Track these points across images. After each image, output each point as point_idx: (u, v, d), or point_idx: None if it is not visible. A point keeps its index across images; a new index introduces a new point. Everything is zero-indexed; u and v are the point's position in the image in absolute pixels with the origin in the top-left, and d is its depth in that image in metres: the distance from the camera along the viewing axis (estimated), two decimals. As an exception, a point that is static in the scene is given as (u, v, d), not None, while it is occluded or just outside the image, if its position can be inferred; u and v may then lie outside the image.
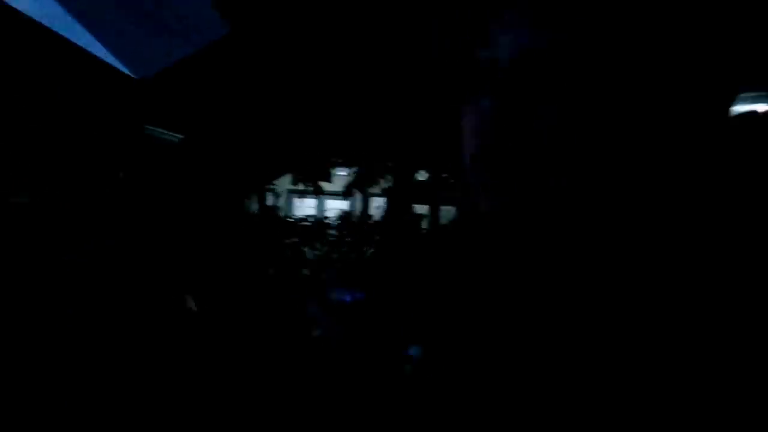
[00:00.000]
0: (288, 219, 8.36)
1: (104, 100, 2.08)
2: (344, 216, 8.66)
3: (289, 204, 11.18)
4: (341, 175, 9.54)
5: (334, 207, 10.67)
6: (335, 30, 6.00)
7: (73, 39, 1.64)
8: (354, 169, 8.06)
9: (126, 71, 1.93)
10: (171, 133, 8.73)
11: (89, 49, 1.77)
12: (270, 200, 7.85)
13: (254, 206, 7.86)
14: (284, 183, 9.12)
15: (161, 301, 1.65)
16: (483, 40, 0.45)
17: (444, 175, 8.53)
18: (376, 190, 8.97)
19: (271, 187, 8.23)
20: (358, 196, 10.13)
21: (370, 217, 9.04)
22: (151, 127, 8.45)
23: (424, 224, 9.25)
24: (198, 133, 7.70)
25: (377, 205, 10.95)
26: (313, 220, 8.62)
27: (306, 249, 7.91)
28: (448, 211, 11.26)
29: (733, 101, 0.42)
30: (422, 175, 8.68)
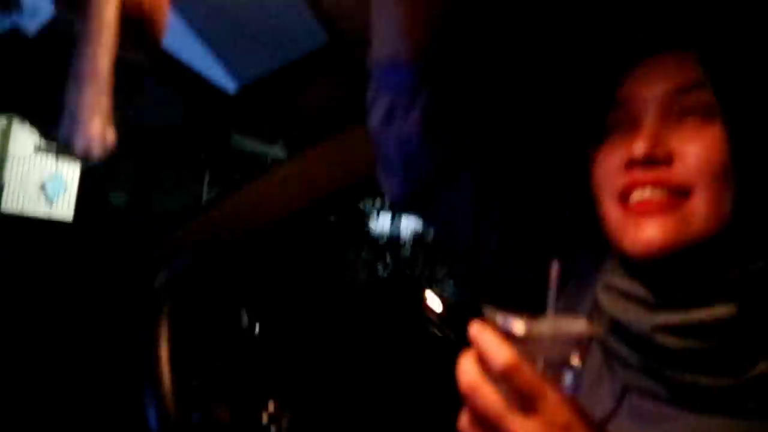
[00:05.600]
0: (364, 234, 8.38)
1: (199, 110, 2.13)
2: (419, 235, 8.61)
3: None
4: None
5: (409, 226, 10.62)
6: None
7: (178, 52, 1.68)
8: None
9: (223, 85, 1.97)
10: (258, 143, 9.00)
11: (192, 63, 1.80)
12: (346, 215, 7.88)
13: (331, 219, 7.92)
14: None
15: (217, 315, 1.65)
16: None
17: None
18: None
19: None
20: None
21: (444, 237, 8.92)
22: (239, 137, 8.75)
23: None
24: (289, 147, 7.86)
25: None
26: (387, 237, 8.61)
27: (379, 266, 7.92)
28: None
29: None
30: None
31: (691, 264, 0.59)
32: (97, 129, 0.54)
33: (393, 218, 10.20)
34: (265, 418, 1.60)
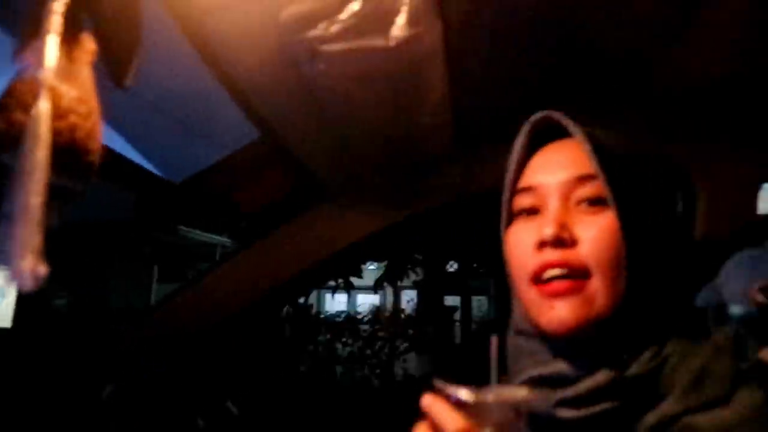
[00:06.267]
0: (320, 316, 8.24)
1: (142, 202, 2.12)
2: (376, 310, 8.54)
3: (321, 300, 11.05)
4: (371, 269, 9.48)
5: (366, 302, 10.54)
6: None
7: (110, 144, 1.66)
8: (383, 263, 8.00)
9: (161, 174, 1.96)
10: (205, 234, 8.90)
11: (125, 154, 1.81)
12: (301, 298, 7.77)
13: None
14: (315, 279, 9.09)
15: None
16: None
17: (474, 265, 8.41)
18: (407, 282, 8.84)
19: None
20: (389, 289, 10.00)
21: (402, 310, 8.88)
22: (185, 228, 8.64)
23: (456, 316, 9.08)
24: (234, 237, 7.84)
25: (409, 298, 10.76)
26: (344, 315, 8.50)
27: (339, 346, 7.76)
28: (479, 301, 11.00)
29: None
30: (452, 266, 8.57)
31: (595, 338, 0.64)
32: (29, 265, 0.54)
33: (349, 296, 10.12)
34: None
